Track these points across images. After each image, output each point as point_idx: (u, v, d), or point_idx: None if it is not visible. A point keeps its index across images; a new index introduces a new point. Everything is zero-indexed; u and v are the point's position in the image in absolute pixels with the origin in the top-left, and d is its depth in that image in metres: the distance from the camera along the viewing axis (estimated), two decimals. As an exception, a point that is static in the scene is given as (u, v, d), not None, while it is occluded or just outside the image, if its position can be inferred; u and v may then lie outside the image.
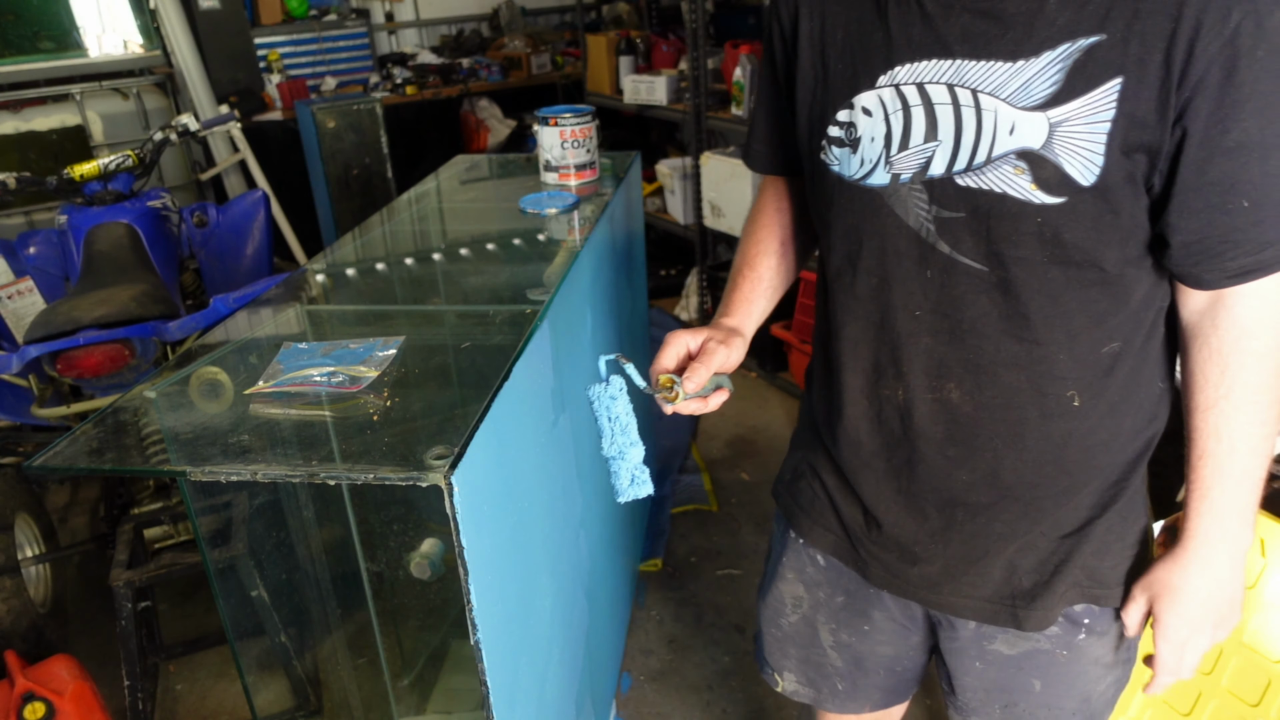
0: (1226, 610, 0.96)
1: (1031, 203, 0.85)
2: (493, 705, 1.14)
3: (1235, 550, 0.93)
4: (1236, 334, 0.87)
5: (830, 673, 1.26)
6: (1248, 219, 0.82)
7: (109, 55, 4.87)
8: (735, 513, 2.80)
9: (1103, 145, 0.81)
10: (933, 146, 0.89)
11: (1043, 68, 0.82)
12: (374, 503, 1.77)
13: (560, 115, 2.09)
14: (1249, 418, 0.88)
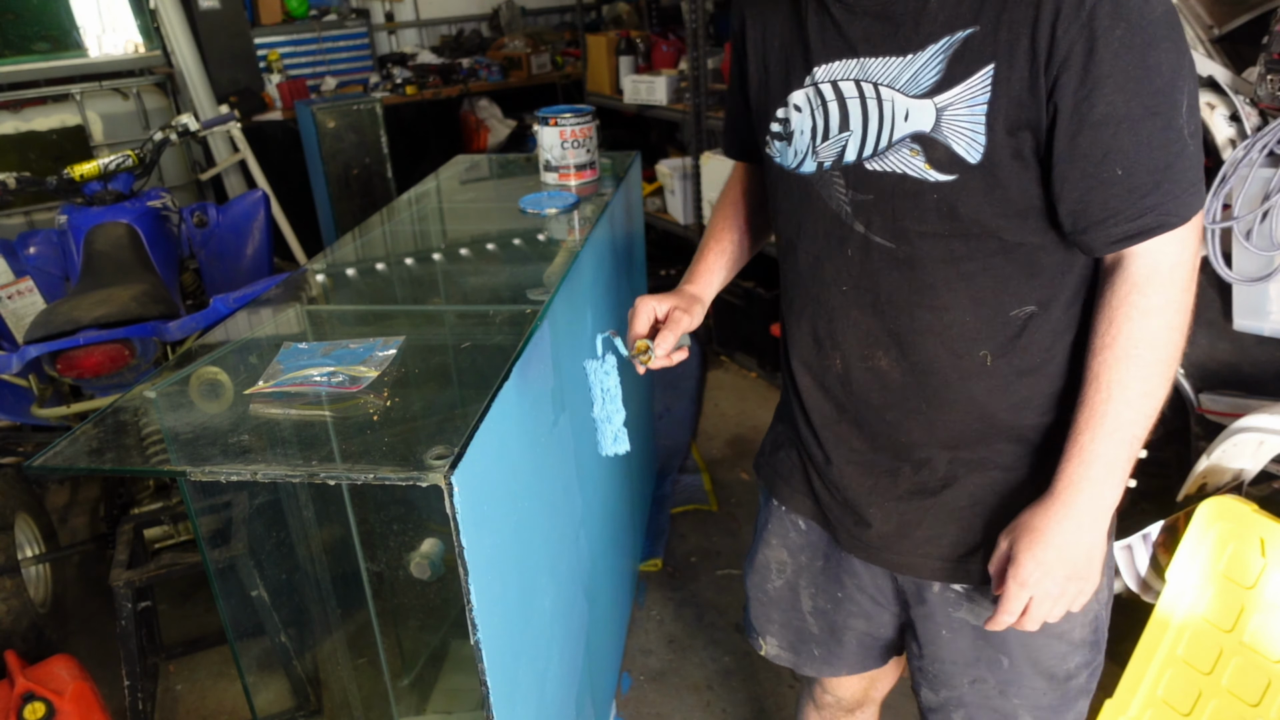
0: (1083, 564, 0.97)
1: (927, 180, 0.94)
2: (493, 705, 1.14)
3: (1099, 502, 0.95)
4: (1126, 289, 0.92)
5: (809, 638, 1.31)
6: (1123, 187, 0.87)
7: (109, 55, 4.87)
8: (735, 513, 2.80)
9: (983, 125, 0.89)
10: (846, 136, 0.99)
11: (928, 59, 0.92)
12: (374, 503, 1.77)
13: (560, 115, 2.09)
14: (1127, 370, 0.91)
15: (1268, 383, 1.87)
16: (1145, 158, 0.86)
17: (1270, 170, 1.65)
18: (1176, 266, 0.91)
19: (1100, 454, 0.93)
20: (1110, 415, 0.93)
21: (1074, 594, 0.99)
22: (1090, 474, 0.94)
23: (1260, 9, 1.84)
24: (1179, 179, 0.88)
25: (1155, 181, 0.87)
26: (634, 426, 1.08)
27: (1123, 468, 0.94)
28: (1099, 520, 0.96)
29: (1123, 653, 1.81)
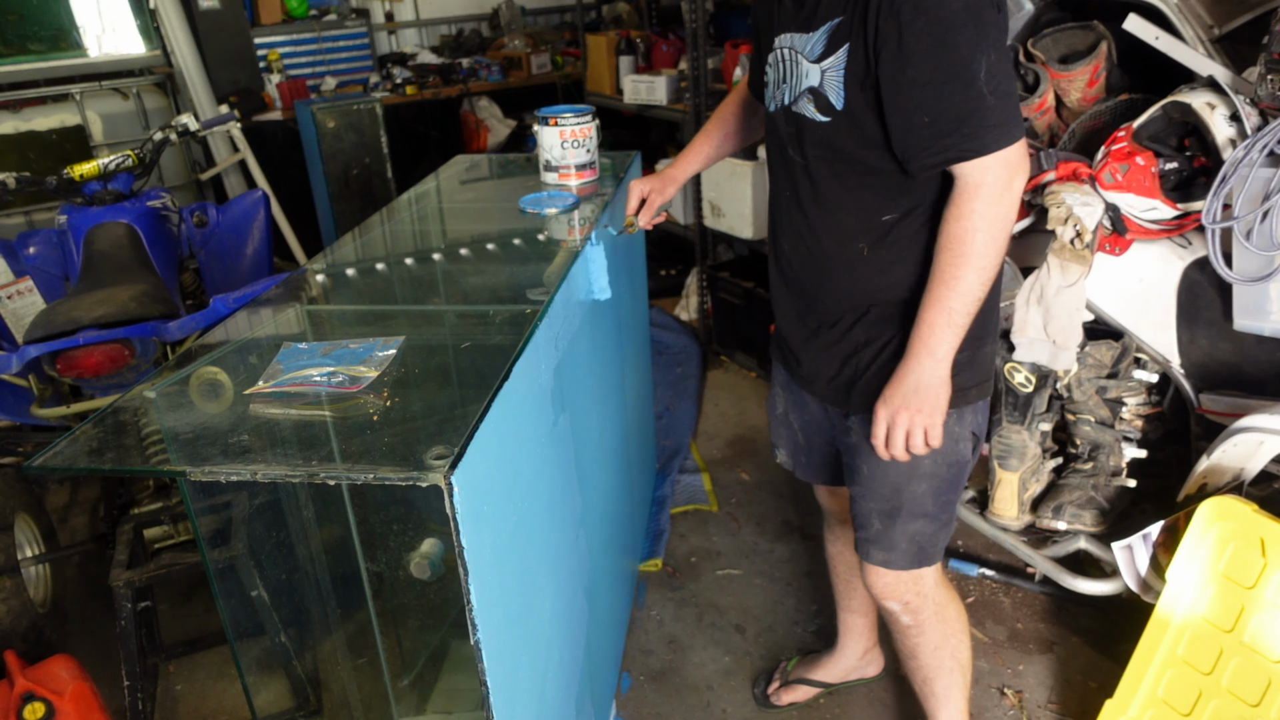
0: (929, 398, 1.33)
1: (816, 120, 1.35)
2: (493, 705, 1.14)
3: (934, 355, 1.31)
4: (951, 201, 1.27)
5: (798, 449, 1.76)
6: (930, 130, 1.23)
7: (109, 55, 4.87)
8: (735, 513, 2.80)
9: (843, 84, 1.29)
10: (785, 88, 1.40)
11: (818, 37, 1.31)
12: (374, 503, 1.77)
13: (560, 115, 2.09)
14: (949, 261, 1.28)
15: (1268, 383, 1.87)
16: (945, 109, 1.21)
17: (1270, 170, 1.65)
18: (982, 185, 1.23)
19: (933, 323, 1.30)
20: (937, 294, 1.30)
21: (921, 422, 1.34)
22: (924, 335, 1.31)
23: (1260, 9, 1.84)
24: (978, 124, 1.21)
25: (955, 126, 1.21)
26: (634, 426, 1.18)
27: (944, 330, 1.30)
28: (936, 368, 1.32)
29: (1123, 653, 1.81)
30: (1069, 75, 2.07)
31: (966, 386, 1.43)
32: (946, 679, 1.70)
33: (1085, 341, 2.00)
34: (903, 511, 1.50)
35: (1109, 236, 1.94)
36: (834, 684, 2.08)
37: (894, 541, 1.53)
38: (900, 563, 1.55)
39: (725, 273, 3.71)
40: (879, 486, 1.50)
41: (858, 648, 2.05)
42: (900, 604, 1.61)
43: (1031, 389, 2.04)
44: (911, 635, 1.66)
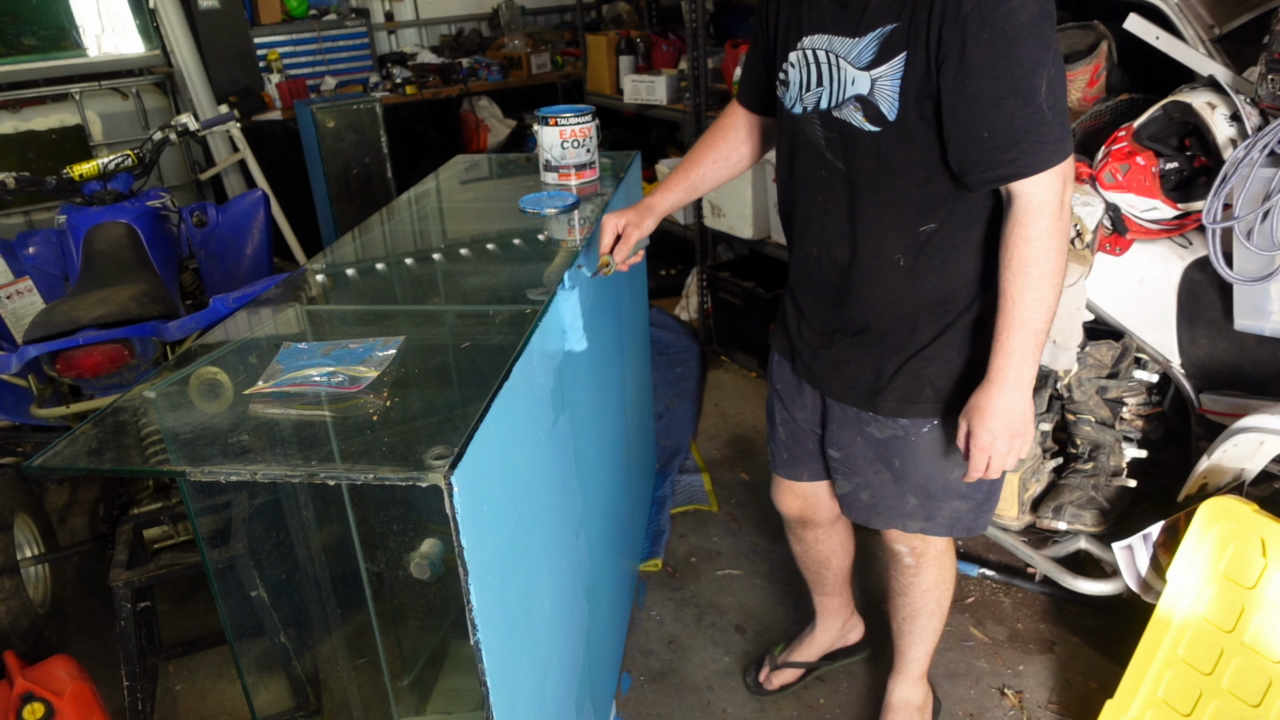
0: (1020, 424, 1.34)
1: (864, 129, 1.32)
2: (493, 705, 1.14)
3: (1020, 380, 1.31)
4: (1013, 222, 1.27)
5: (780, 445, 1.78)
6: (989, 145, 1.22)
7: (108, 55, 4.87)
8: (735, 513, 2.80)
9: (898, 94, 1.26)
10: (820, 90, 1.36)
11: (867, 42, 1.27)
12: (374, 503, 1.76)
13: (560, 115, 2.09)
14: (1022, 282, 1.27)
15: (1268, 383, 1.87)
16: (1006, 125, 1.20)
17: (1271, 170, 1.65)
18: (1045, 203, 1.24)
19: (1015, 346, 1.30)
20: (1016, 317, 1.28)
21: (1019, 446, 1.36)
22: (1011, 361, 1.31)
23: (1260, 9, 1.84)
24: (1037, 140, 1.21)
25: (1014, 141, 1.21)
26: (634, 426, 1.18)
27: (1033, 353, 1.30)
28: (1024, 391, 1.32)
29: (1123, 653, 1.81)
30: (1069, 75, 2.07)
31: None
32: (926, 620, 1.81)
33: (1085, 341, 2.00)
34: (938, 494, 1.56)
35: (1109, 236, 1.94)
36: (820, 661, 2.14)
37: (932, 514, 1.60)
38: (937, 530, 1.62)
39: (725, 273, 3.70)
40: (918, 476, 1.55)
41: (837, 621, 2.13)
42: (908, 548, 1.71)
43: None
44: (909, 574, 1.75)
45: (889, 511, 1.63)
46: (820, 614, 2.11)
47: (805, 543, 1.95)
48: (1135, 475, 2.08)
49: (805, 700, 2.09)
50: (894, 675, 1.93)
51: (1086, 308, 1.95)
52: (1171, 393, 2.06)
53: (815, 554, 1.96)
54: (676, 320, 4.15)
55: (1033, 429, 1.36)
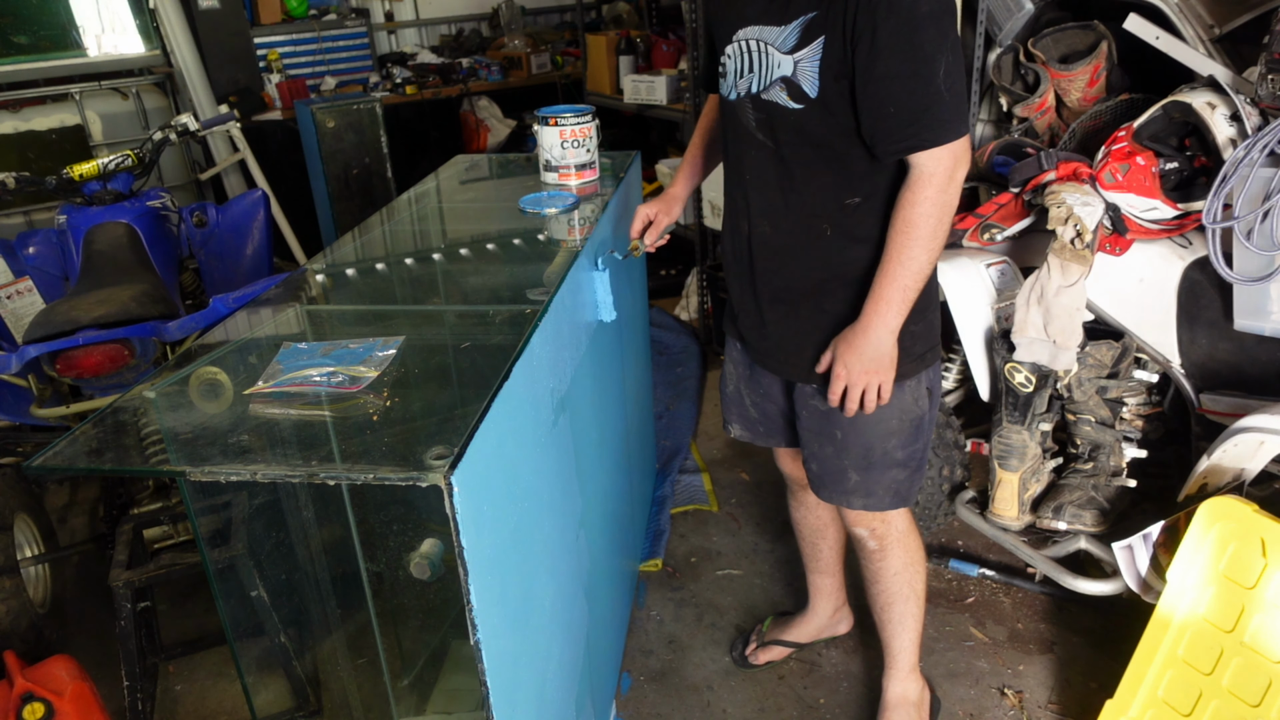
0: (880, 363, 1.49)
1: (789, 107, 1.45)
2: (493, 705, 1.14)
3: (886, 325, 1.46)
4: (906, 188, 1.41)
5: (754, 421, 1.89)
6: (895, 120, 1.36)
7: (108, 55, 4.87)
8: (735, 513, 2.80)
9: (818, 74, 1.39)
10: (751, 76, 1.49)
11: (790, 30, 1.41)
12: (374, 503, 1.76)
13: (560, 115, 2.09)
14: (901, 242, 1.42)
15: (1269, 383, 1.87)
16: (908, 103, 1.34)
17: (1271, 170, 1.65)
18: (935, 174, 1.37)
19: (887, 296, 1.44)
20: (892, 270, 1.43)
21: (874, 383, 1.50)
22: (879, 308, 1.45)
23: (1260, 9, 1.84)
24: (935, 117, 1.35)
25: (915, 117, 1.35)
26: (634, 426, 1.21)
27: (901, 305, 1.45)
28: (888, 334, 1.47)
29: (1123, 653, 1.81)
30: (1069, 75, 2.07)
31: (922, 352, 1.61)
32: (903, 606, 1.85)
33: (1085, 341, 2.00)
34: (877, 464, 1.65)
35: (1109, 236, 1.94)
36: (807, 643, 2.21)
37: (872, 489, 1.68)
38: (881, 505, 1.71)
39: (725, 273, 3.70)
40: (852, 446, 1.64)
41: (828, 607, 2.18)
42: (868, 530, 1.78)
43: (1032, 389, 2.04)
44: (876, 559, 1.82)
45: (833, 485, 1.72)
46: (813, 595, 2.18)
47: (806, 505, 2.04)
48: (1135, 475, 2.08)
49: (805, 700, 2.09)
50: (886, 672, 1.94)
51: (1086, 308, 1.95)
52: (1171, 393, 2.06)
53: (815, 519, 2.05)
54: (676, 320, 4.15)
55: (891, 371, 1.51)
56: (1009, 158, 2.16)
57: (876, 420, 1.60)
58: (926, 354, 1.62)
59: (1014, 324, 1.99)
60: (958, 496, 2.32)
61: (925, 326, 1.60)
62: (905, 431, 1.64)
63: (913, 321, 1.53)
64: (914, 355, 1.58)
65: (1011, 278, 2.14)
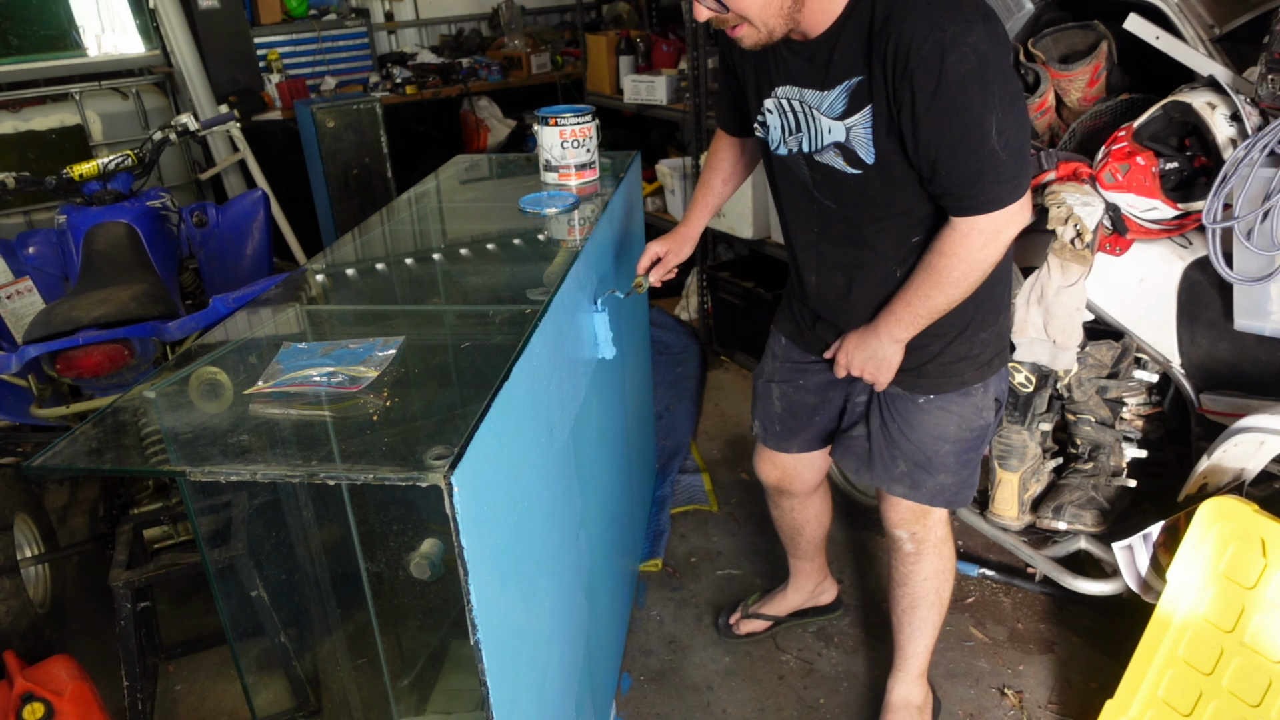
0: (880, 364, 1.56)
1: (846, 172, 1.45)
2: (493, 705, 1.14)
3: (894, 338, 1.53)
4: (943, 236, 1.41)
5: (773, 418, 1.91)
6: (948, 183, 1.34)
7: (108, 55, 4.87)
8: (735, 513, 2.80)
9: (872, 141, 1.37)
10: (800, 136, 1.47)
11: (836, 96, 1.38)
12: (374, 503, 1.76)
13: (560, 115, 2.09)
14: (924, 282, 1.44)
15: (1269, 383, 1.87)
16: (960, 168, 1.31)
17: (1271, 170, 1.65)
18: (969, 235, 1.37)
19: (901, 318, 1.49)
20: (908, 299, 1.48)
21: (870, 375, 1.59)
22: (890, 323, 1.51)
23: (1261, 9, 1.84)
24: (991, 180, 1.31)
25: (970, 182, 1.32)
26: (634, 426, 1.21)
27: (911, 327, 1.50)
28: (891, 344, 1.54)
29: (1123, 653, 1.81)
30: (1069, 75, 2.07)
31: (990, 359, 1.61)
32: (926, 611, 1.85)
33: (1085, 341, 2.00)
34: (926, 465, 1.67)
35: (1109, 236, 1.94)
36: (790, 617, 2.29)
37: (919, 483, 1.70)
38: (921, 499, 1.72)
39: (725, 273, 3.70)
40: (906, 444, 1.66)
41: (808, 585, 2.27)
42: (908, 533, 1.78)
43: (1032, 389, 2.04)
44: (909, 562, 1.82)
45: (880, 468, 1.73)
46: (793, 575, 2.26)
47: (781, 509, 2.10)
48: (1135, 475, 2.08)
49: (805, 700, 2.09)
50: (893, 673, 1.94)
51: (1086, 308, 1.95)
52: (1171, 393, 2.06)
53: (790, 520, 2.11)
54: (676, 320, 4.15)
55: (889, 374, 1.58)
56: (1009, 158, 2.15)
57: (935, 422, 1.62)
58: (994, 360, 1.62)
59: (1014, 324, 1.99)
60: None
61: (994, 333, 1.60)
62: (964, 440, 1.64)
63: (981, 328, 1.55)
64: (981, 362, 1.59)
65: (1011, 278, 2.14)
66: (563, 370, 1.55)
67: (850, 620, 2.32)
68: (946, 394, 1.61)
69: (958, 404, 1.61)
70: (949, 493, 1.71)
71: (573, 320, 1.66)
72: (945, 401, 1.61)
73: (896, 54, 1.25)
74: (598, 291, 1.82)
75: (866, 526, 2.59)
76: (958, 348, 1.57)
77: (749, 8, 1.31)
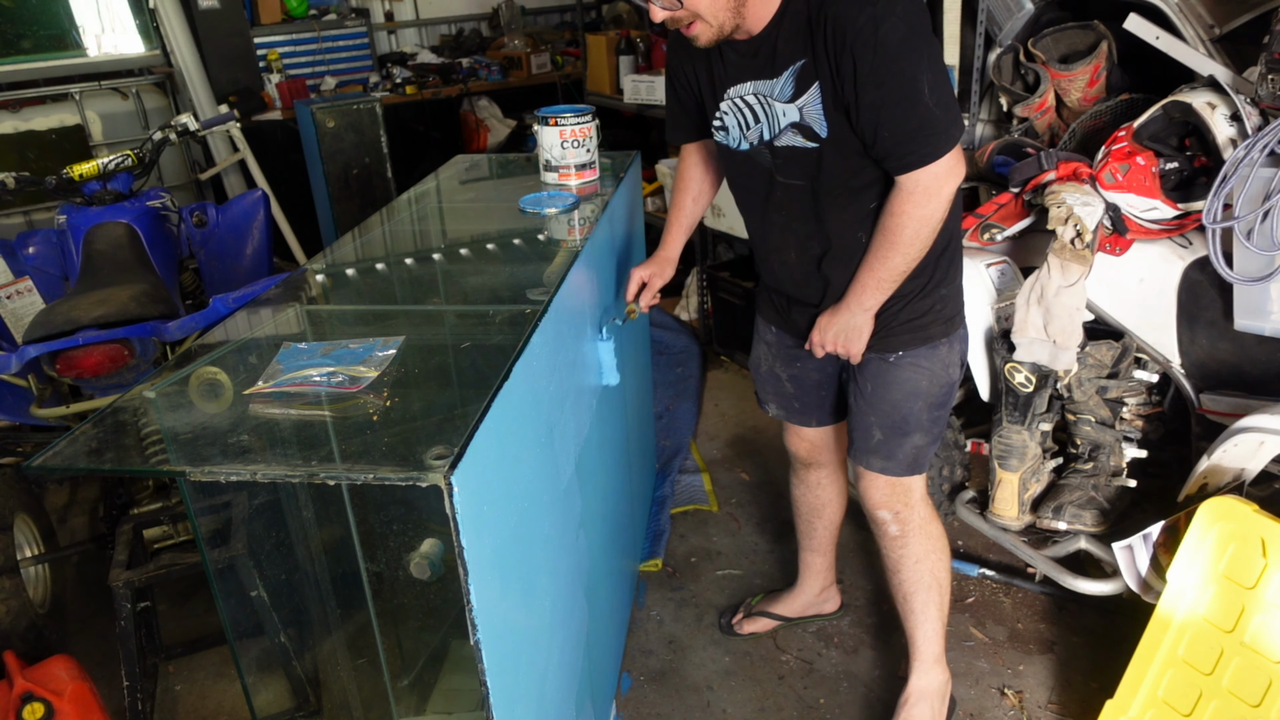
0: (851, 334, 1.64)
1: (806, 148, 1.55)
2: (493, 705, 1.14)
3: (861, 308, 1.61)
4: (893, 198, 1.51)
5: (789, 398, 1.98)
6: (891, 142, 1.44)
7: (108, 55, 4.87)
8: (735, 513, 2.80)
9: (823, 114, 1.49)
10: (759, 127, 1.59)
11: (784, 80, 1.51)
12: (374, 503, 1.76)
13: (560, 115, 2.09)
14: (882, 244, 1.54)
15: (1269, 383, 1.87)
16: (900, 126, 1.42)
17: (1271, 170, 1.65)
18: (914, 190, 1.47)
19: (864, 284, 1.59)
20: (871, 267, 1.57)
21: (849, 349, 1.66)
22: (857, 292, 1.60)
23: (1260, 9, 1.84)
24: (929, 134, 1.42)
25: (909, 138, 1.43)
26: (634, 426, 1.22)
27: (876, 294, 1.59)
28: (861, 314, 1.62)
29: (1123, 653, 1.81)
30: (1069, 75, 2.07)
31: (951, 315, 1.71)
32: (924, 595, 1.87)
33: (1085, 341, 2.00)
34: (901, 426, 1.74)
35: (1109, 236, 1.94)
36: (793, 618, 2.28)
37: (893, 452, 1.76)
38: (897, 470, 1.78)
39: (725, 273, 3.70)
40: (882, 404, 1.73)
41: (816, 585, 2.26)
42: (891, 513, 1.83)
43: (1032, 389, 2.04)
44: (897, 546, 1.86)
45: (859, 443, 1.80)
46: (803, 572, 2.26)
47: (808, 484, 2.12)
48: (1135, 475, 2.08)
49: (805, 700, 2.09)
50: (910, 665, 1.94)
51: (1086, 308, 1.95)
52: (1171, 393, 2.06)
53: (813, 498, 2.13)
54: (676, 320, 4.15)
55: (861, 344, 1.66)
56: (1009, 158, 2.16)
57: (908, 378, 1.70)
58: (955, 316, 1.72)
59: (1014, 324, 1.99)
60: (958, 496, 2.32)
61: (953, 290, 1.71)
62: (934, 395, 1.72)
63: (940, 285, 1.67)
64: (944, 317, 1.69)
65: (1011, 278, 2.14)
66: (562, 371, 1.55)
67: (850, 620, 2.32)
68: (916, 349, 1.69)
69: (927, 359, 1.70)
70: (921, 455, 1.78)
71: (572, 319, 1.66)
72: (915, 357, 1.70)
73: (835, 32, 1.39)
74: (602, 320, 1.87)
75: (866, 526, 2.58)
76: (919, 304, 1.66)
77: (700, 4, 1.43)
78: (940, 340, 1.70)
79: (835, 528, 2.18)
